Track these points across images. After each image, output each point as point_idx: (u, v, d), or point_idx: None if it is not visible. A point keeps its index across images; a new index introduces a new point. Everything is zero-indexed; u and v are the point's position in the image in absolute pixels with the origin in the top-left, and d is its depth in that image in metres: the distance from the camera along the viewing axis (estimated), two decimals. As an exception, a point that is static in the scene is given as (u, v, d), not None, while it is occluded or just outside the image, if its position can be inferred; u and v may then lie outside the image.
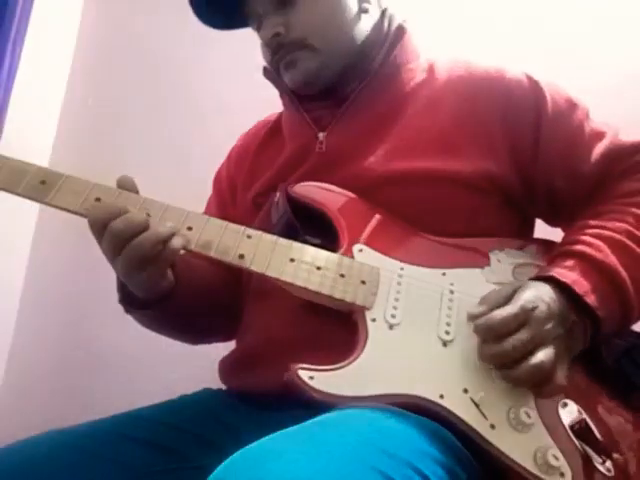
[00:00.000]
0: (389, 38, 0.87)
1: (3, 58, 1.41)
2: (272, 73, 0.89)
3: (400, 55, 0.86)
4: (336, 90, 0.86)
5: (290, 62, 0.84)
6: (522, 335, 0.63)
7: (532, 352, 0.63)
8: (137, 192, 0.73)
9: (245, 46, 0.98)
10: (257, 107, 0.98)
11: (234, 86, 1.53)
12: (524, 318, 0.63)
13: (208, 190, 1.03)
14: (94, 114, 1.65)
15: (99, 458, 0.68)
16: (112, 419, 0.75)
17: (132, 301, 0.77)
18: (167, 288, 0.76)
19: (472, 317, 0.66)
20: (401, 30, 0.88)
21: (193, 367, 0.99)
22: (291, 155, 0.87)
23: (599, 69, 1.27)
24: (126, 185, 0.72)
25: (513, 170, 0.80)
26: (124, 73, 1.68)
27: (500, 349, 0.63)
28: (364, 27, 0.86)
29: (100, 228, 0.67)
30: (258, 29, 0.88)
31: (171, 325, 0.86)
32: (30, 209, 1.58)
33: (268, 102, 0.96)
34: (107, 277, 0.77)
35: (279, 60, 0.85)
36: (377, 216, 0.78)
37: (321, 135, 0.84)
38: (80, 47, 1.72)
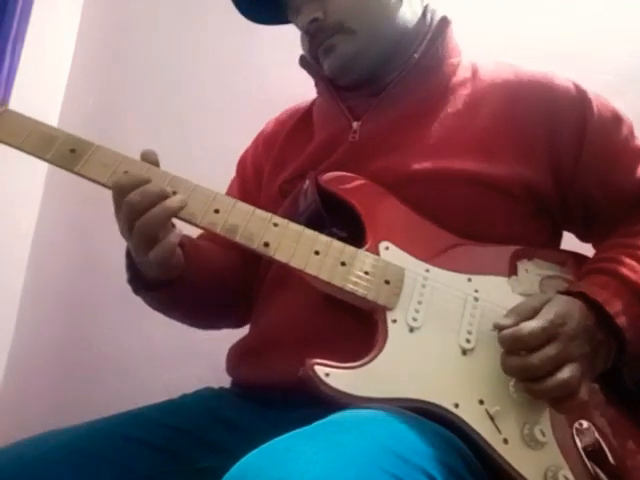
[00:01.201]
0: (432, 29, 0.85)
1: (3, 58, 1.39)
2: (307, 62, 0.88)
3: (442, 48, 0.84)
4: (374, 80, 0.84)
5: (329, 47, 0.82)
6: (550, 350, 0.61)
7: (558, 368, 0.61)
8: (158, 164, 0.73)
9: (246, 46, 0.96)
10: (258, 107, 0.97)
11: (235, 86, 1.52)
12: (553, 333, 0.62)
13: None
14: (94, 114, 1.64)
15: (99, 458, 0.68)
16: (112, 419, 0.75)
17: (141, 282, 0.76)
18: (176, 269, 0.75)
19: (499, 327, 0.64)
20: (445, 22, 0.86)
21: (193, 367, 0.99)
22: (323, 142, 0.85)
23: (599, 69, 1.24)
24: (149, 158, 0.72)
25: (551, 179, 0.78)
26: (124, 73, 1.66)
27: (526, 363, 0.61)
28: (404, 16, 0.84)
29: (120, 199, 0.67)
30: (297, 19, 0.86)
31: (179, 308, 0.85)
32: (30, 209, 1.58)
33: (269, 102, 0.95)
34: (107, 277, 0.76)
35: (318, 45, 0.83)
36: (406, 214, 0.76)
37: (355, 124, 0.83)
38: (80, 47, 1.70)
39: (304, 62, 0.90)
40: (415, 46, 0.84)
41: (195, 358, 1.12)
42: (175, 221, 0.71)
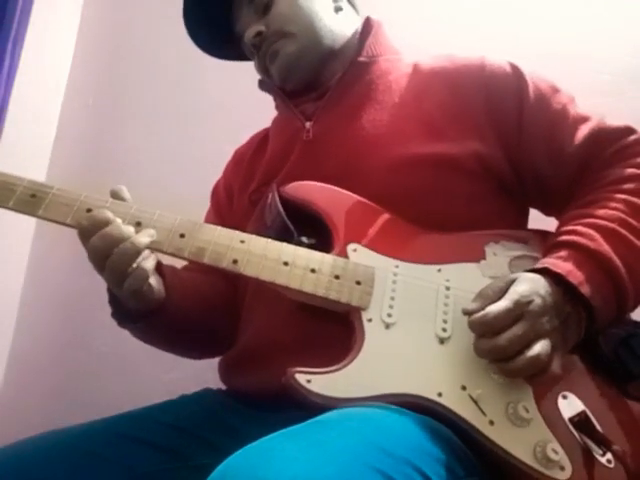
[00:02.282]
0: (358, 30, 0.92)
1: (3, 58, 1.40)
2: (264, 81, 0.95)
3: (374, 46, 0.90)
4: (319, 83, 0.90)
5: (273, 53, 0.89)
6: (517, 329, 0.62)
7: (528, 345, 0.63)
8: (128, 200, 0.73)
9: None
10: (258, 108, 0.99)
11: (235, 87, 1.53)
12: (519, 312, 0.63)
13: (208, 190, 1.02)
14: (94, 114, 1.64)
15: (99, 458, 0.69)
16: (112, 419, 0.76)
17: (124, 314, 0.77)
18: (156, 301, 0.76)
19: (467, 313, 0.66)
20: (368, 22, 0.93)
21: (193, 367, 0.99)
22: (281, 146, 0.89)
23: (599, 69, 1.26)
24: (119, 195, 0.73)
25: (500, 152, 0.81)
26: (124, 73, 1.67)
27: (496, 344, 0.63)
28: (340, 22, 0.92)
29: (85, 243, 0.69)
30: (244, 41, 0.92)
31: (165, 338, 0.86)
32: None
33: (269, 103, 0.96)
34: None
35: (264, 55, 0.90)
36: (370, 212, 0.78)
37: (308, 124, 0.87)
38: (80, 47, 1.71)
39: (262, 84, 0.96)
40: (348, 47, 0.90)
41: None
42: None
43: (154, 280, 0.75)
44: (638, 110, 0.84)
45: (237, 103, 1.49)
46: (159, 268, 0.78)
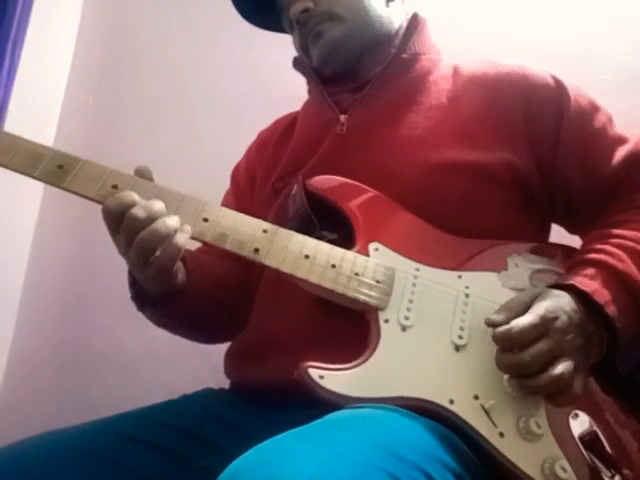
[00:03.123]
0: (404, 26, 0.90)
1: (3, 58, 1.40)
2: (300, 62, 0.93)
3: (418, 44, 0.89)
4: (358, 75, 0.88)
5: (318, 33, 0.87)
6: (542, 346, 0.61)
7: (551, 363, 0.62)
8: (152, 180, 0.73)
9: (247, 45, 0.98)
10: (259, 106, 0.98)
11: (236, 85, 1.53)
12: (544, 328, 0.62)
13: (209, 189, 1.00)
14: (94, 114, 1.64)
15: (99, 458, 0.68)
16: (112, 419, 0.75)
17: (144, 298, 0.77)
18: (178, 284, 0.75)
19: (490, 324, 0.64)
20: (415, 19, 0.91)
21: (193, 367, 0.99)
22: (311, 135, 0.88)
23: (599, 69, 1.25)
24: (142, 173, 0.72)
25: (534, 165, 0.80)
26: (124, 73, 1.67)
27: (520, 359, 0.61)
28: (390, 13, 0.90)
29: (115, 217, 0.66)
30: (288, 12, 0.90)
31: (183, 322, 0.86)
32: (30, 209, 1.59)
33: (269, 102, 0.96)
34: (107, 277, 0.76)
35: (308, 33, 0.88)
36: (395, 213, 0.77)
37: (342, 117, 0.85)
38: (80, 47, 1.71)
39: (296, 62, 0.94)
40: (393, 41, 0.88)
41: (195, 358, 1.12)
42: None
43: (176, 263, 0.74)
44: (638, 110, 0.83)
45: (237, 103, 1.50)
46: None
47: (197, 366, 0.96)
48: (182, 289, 0.76)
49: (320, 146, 0.85)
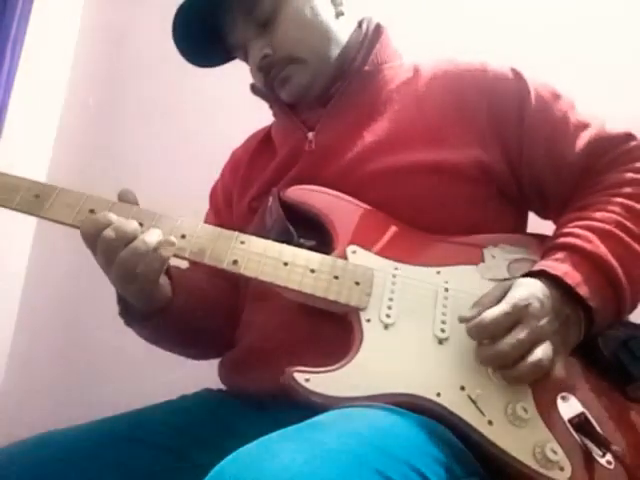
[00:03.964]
0: (368, 37, 0.90)
1: (3, 58, 1.42)
2: (259, 89, 0.92)
3: (380, 54, 0.89)
4: (322, 91, 0.88)
5: (283, 79, 0.87)
6: (518, 334, 0.62)
7: (530, 350, 0.63)
8: (137, 204, 0.74)
9: None
10: (260, 108, 0.99)
11: (235, 87, 1.54)
12: (518, 316, 0.63)
13: (209, 189, 1.03)
14: (94, 114, 1.65)
15: (99, 458, 0.69)
16: (112, 419, 0.76)
17: (131, 314, 0.78)
18: (163, 300, 0.76)
19: (464, 320, 0.66)
20: (379, 29, 0.91)
21: (193, 367, 0.99)
22: (283, 157, 0.88)
23: (599, 69, 1.27)
24: (126, 198, 0.73)
25: (502, 159, 0.81)
26: (125, 73, 1.68)
27: (498, 350, 0.62)
28: (344, 30, 0.90)
29: (93, 240, 0.68)
30: (245, 58, 0.91)
31: (172, 338, 0.86)
32: None
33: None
34: (107, 277, 0.77)
35: (273, 79, 0.87)
36: (370, 216, 0.79)
37: (310, 135, 0.86)
38: (80, 47, 1.72)
39: (255, 89, 0.94)
40: (353, 55, 0.88)
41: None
42: None
43: (162, 279, 0.75)
44: (638, 110, 0.84)
45: (238, 102, 1.49)
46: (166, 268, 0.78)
47: (196, 367, 0.96)
48: (168, 304, 0.77)
49: (293, 165, 0.86)
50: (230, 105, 1.52)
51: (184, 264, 0.82)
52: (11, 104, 1.46)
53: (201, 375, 0.88)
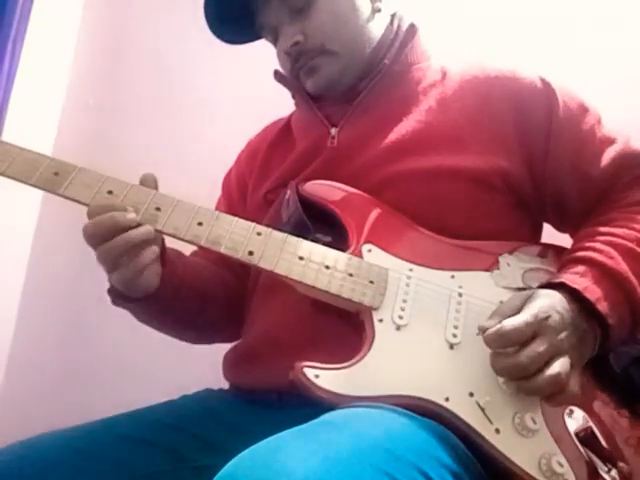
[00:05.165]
0: (400, 37, 0.88)
1: (3, 58, 1.41)
2: (283, 76, 0.91)
3: (411, 54, 0.88)
4: (349, 87, 0.87)
5: (312, 68, 0.85)
6: (537, 346, 0.62)
7: (547, 363, 0.62)
8: (156, 189, 0.74)
9: (246, 46, 0.98)
10: (261, 107, 0.99)
11: (235, 85, 1.54)
12: (537, 327, 0.63)
13: (209, 190, 1.02)
14: (95, 114, 1.65)
15: (99, 458, 0.68)
16: (112, 419, 0.75)
17: (117, 294, 0.77)
18: (147, 289, 0.75)
19: (482, 329, 0.65)
20: (412, 29, 0.89)
21: (193, 367, 1.00)
22: (303, 151, 0.88)
23: (599, 69, 1.26)
24: (147, 182, 0.73)
25: (525, 169, 0.80)
26: (125, 73, 1.68)
27: (516, 362, 0.62)
28: (378, 27, 0.88)
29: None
30: (274, 40, 0.90)
31: (160, 322, 0.86)
32: (30, 209, 1.59)
33: (268, 101, 0.96)
34: (107, 277, 0.77)
35: (300, 67, 0.86)
36: (387, 215, 0.78)
37: (333, 130, 0.85)
38: (81, 47, 1.72)
39: (279, 76, 0.92)
40: (384, 53, 0.87)
41: (195, 358, 1.11)
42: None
43: (153, 268, 0.74)
44: (638, 110, 0.84)
45: (238, 102, 1.50)
46: (162, 253, 0.77)
47: (197, 366, 0.96)
48: (151, 293, 0.76)
49: (312, 160, 0.85)
50: (230, 106, 1.52)
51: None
52: (11, 104, 1.46)
53: (201, 375, 0.87)
